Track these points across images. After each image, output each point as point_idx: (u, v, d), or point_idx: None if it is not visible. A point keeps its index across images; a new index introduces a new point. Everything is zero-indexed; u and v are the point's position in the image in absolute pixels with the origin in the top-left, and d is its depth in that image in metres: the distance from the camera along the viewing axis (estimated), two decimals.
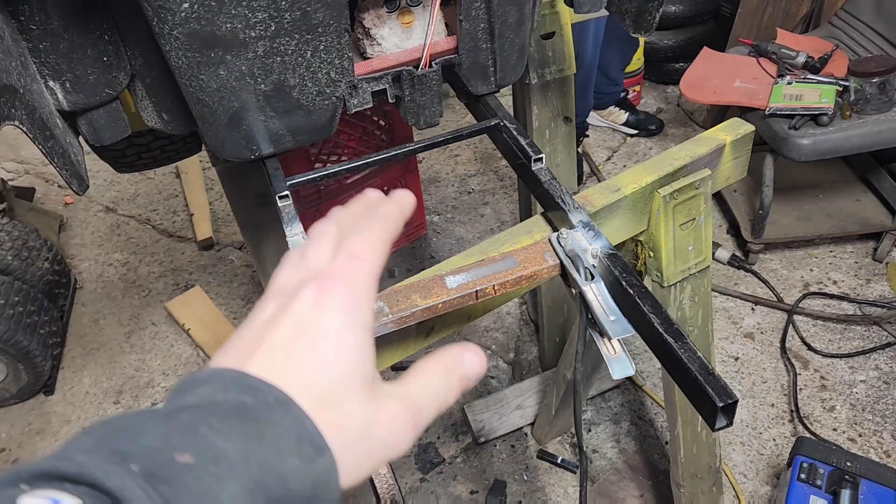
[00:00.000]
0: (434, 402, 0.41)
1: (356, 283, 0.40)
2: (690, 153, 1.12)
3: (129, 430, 0.31)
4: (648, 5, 1.08)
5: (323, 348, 0.37)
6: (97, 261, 2.84)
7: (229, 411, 0.33)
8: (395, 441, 0.38)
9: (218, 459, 0.31)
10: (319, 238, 0.45)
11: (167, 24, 0.84)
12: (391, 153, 1.06)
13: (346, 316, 0.39)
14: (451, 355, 0.43)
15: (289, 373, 0.36)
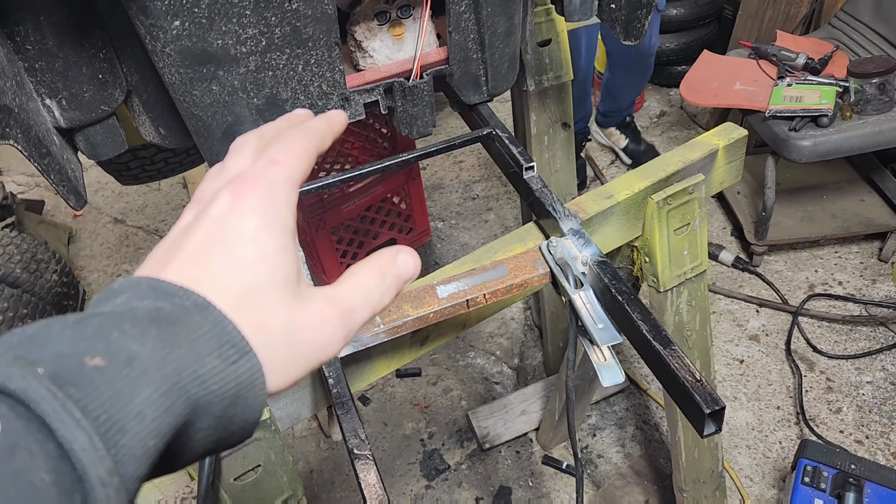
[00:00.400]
0: (366, 302, 0.40)
1: (273, 186, 0.39)
2: (683, 158, 1.13)
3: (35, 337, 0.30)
4: (637, 13, 1.09)
5: (239, 251, 0.37)
6: (106, 272, 2.86)
7: (143, 317, 0.32)
8: (322, 341, 0.38)
9: (131, 362, 0.30)
10: (240, 148, 0.44)
11: (159, 41, 0.85)
12: (387, 162, 1.07)
13: (261, 218, 0.38)
14: (384, 256, 0.42)
15: (206, 278, 0.35)
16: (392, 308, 0.84)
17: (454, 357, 2.33)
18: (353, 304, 0.39)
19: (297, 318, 0.37)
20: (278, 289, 0.37)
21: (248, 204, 0.38)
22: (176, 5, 0.82)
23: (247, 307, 0.35)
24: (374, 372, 0.96)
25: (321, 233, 2.34)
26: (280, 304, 0.36)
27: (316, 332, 0.37)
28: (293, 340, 0.36)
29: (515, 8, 1.04)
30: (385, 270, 0.42)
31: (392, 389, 2.23)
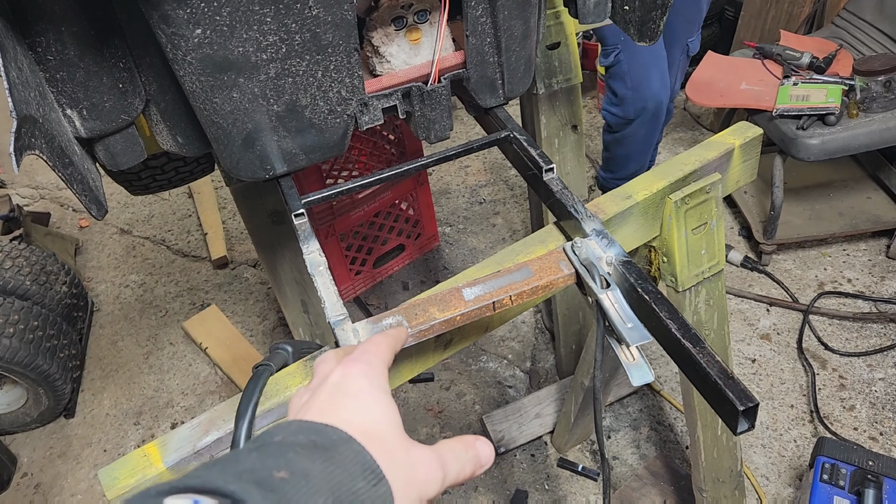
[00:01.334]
0: (456, 460, 0.49)
1: (370, 361, 0.53)
2: (700, 158, 1.13)
3: (229, 460, 0.39)
4: (652, 14, 1.09)
5: (359, 400, 0.48)
6: (114, 283, 2.87)
7: (306, 444, 0.42)
8: (428, 476, 0.46)
9: (307, 476, 0.38)
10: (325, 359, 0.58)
11: (181, 49, 0.86)
12: (404, 168, 1.07)
13: (368, 380, 0.50)
14: (467, 439, 0.52)
15: (339, 419, 0.45)
16: (419, 311, 0.84)
17: (466, 361, 2.32)
18: (447, 458, 0.48)
19: (410, 453, 0.46)
20: (394, 428, 0.47)
21: (357, 371, 0.51)
22: (198, 14, 0.82)
23: (375, 439, 0.44)
24: (399, 376, 0.96)
25: (330, 239, 2.34)
26: (397, 441, 0.46)
27: (424, 467, 0.46)
28: (409, 470, 0.45)
29: (531, 11, 1.04)
30: (468, 445, 0.51)
31: (405, 395, 2.23)
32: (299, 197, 1.03)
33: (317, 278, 0.91)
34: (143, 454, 0.84)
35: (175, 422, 2.26)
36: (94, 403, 2.37)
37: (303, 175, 2.10)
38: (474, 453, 0.51)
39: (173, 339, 2.56)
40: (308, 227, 0.99)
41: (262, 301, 2.66)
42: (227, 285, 2.77)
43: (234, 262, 2.87)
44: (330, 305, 0.87)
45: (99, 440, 2.25)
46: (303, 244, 0.97)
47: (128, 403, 2.35)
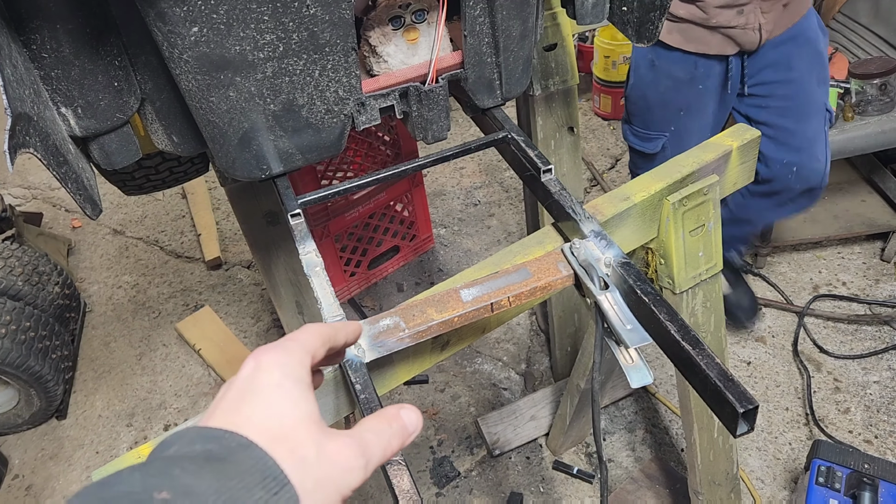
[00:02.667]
0: (378, 439, 0.46)
1: (291, 348, 0.48)
2: (698, 160, 1.13)
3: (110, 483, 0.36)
4: (651, 15, 1.09)
5: (267, 396, 0.44)
6: (106, 283, 2.85)
7: (198, 457, 0.38)
8: (347, 466, 0.43)
9: (189, 494, 0.35)
10: None
11: (177, 48, 0.85)
12: (400, 169, 1.07)
13: (282, 370, 0.46)
14: (389, 411, 0.49)
15: (242, 422, 0.42)
16: (416, 312, 0.84)
17: (461, 363, 2.32)
18: (368, 440, 0.45)
19: (323, 446, 0.43)
20: (305, 422, 0.43)
21: (270, 362, 0.46)
22: (195, 12, 0.82)
23: (280, 439, 0.41)
24: (395, 378, 0.95)
25: (325, 241, 2.33)
26: (307, 435, 0.43)
27: (341, 458, 0.43)
28: (322, 465, 0.42)
29: (530, 11, 1.04)
30: (391, 419, 0.48)
31: (400, 397, 2.22)
32: (296, 197, 1.03)
33: (313, 279, 0.91)
34: (138, 456, 0.83)
35: (168, 423, 2.25)
36: (87, 405, 2.35)
37: (297, 175, 2.10)
38: (399, 425, 0.48)
39: (166, 341, 2.54)
40: (305, 228, 0.99)
41: (256, 302, 2.65)
42: (220, 286, 2.75)
43: (228, 263, 2.86)
44: (326, 306, 0.87)
45: (91, 442, 2.23)
46: (299, 244, 0.96)
47: (120, 405, 2.33)
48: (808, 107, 1.84)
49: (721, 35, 1.74)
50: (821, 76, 1.83)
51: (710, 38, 1.75)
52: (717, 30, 1.73)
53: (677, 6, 1.73)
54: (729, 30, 1.72)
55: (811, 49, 1.80)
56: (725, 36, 1.74)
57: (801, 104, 1.82)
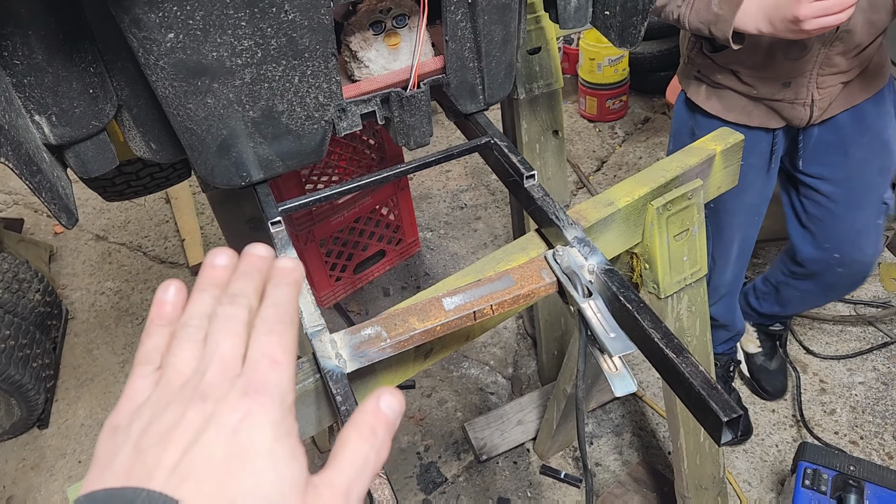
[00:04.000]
0: (364, 469, 0.41)
1: (282, 393, 0.40)
2: (681, 164, 1.12)
3: None
4: (633, 19, 1.08)
5: (259, 471, 0.38)
6: (89, 290, 2.82)
7: None
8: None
9: None
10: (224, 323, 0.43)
11: (153, 54, 0.83)
12: (383, 174, 1.06)
13: (276, 430, 0.39)
14: (368, 411, 0.43)
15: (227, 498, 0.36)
16: (398, 321, 0.83)
17: (448, 368, 2.31)
18: (350, 479, 0.40)
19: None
20: (291, 494, 0.38)
21: (263, 419, 0.39)
22: (170, 17, 0.80)
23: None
24: (377, 387, 0.94)
25: (310, 245, 2.32)
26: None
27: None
28: None
29: (511, 16, 1.03)
30: (375, 425, 0.42)
31: None
32: (276, 204, 1.01)
33: None
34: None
35: None
36: (69, 413, 2.32)
37: (281, 181, 2.08)
38: (384, 424, 0.43)
39: None
40: (285, 235, 0.97)
41: None
42: None
43: None
44: (307, 315, 0.85)
45: (73, 451, 2.20)
46: (280, 253, 0.95)
47: (103, 413, 2.30)
48: (862, 198, 1.63)
49: (765, 106, 1.53)
50: (883, 166, 1.60)
51: (753, 109, 1.54)
52: (762, 101, 1.52)
53: (714, 69, 1.54)
54: (774, 102, 1.51)
55: (875, 136, 1.56)
56: (770, 108, 1.53)
57: (853, 194, 1.62)
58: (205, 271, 0.47)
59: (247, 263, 0.47)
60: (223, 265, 0.47)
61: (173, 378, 0.41)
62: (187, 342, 0.42)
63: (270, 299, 0.45)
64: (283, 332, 0.43)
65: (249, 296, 0.45)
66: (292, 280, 0.47)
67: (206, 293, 0.45)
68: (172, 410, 0.39)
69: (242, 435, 0.38)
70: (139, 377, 0.42)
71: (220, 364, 0.41)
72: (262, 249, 0.48)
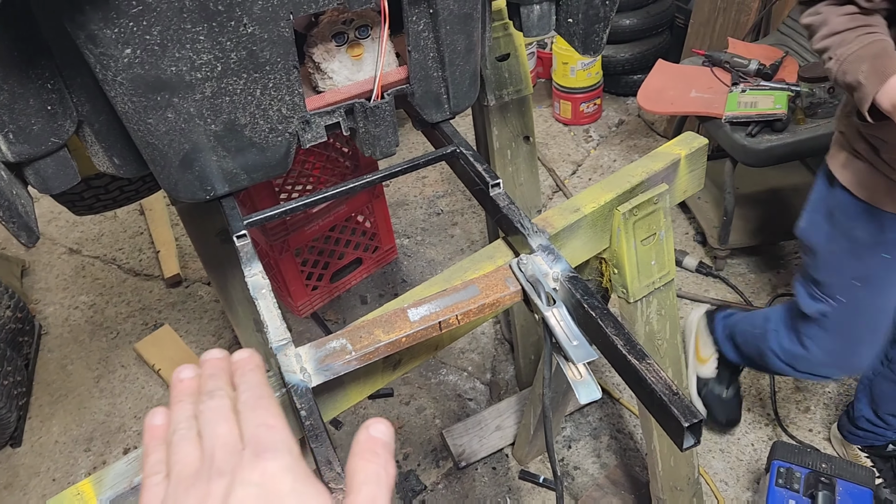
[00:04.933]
0: (378, 488, 0.45)
1: (287, 446, 0.45)
2: (647, 169, 1.13)
3: None
4: (595, 27, 1.09)
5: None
6: (63, 304, 2.78)
7: None
8: None
9: None
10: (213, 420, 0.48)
11: (110, 70, 0.83)
12: (351, 185, 1.05)
13: (293, 474, 0.43)
14: (361, 440, 0.47)
15: None
16: (363, 334, 0.82)
17: (426, 375, 2.30)
18: (370, 498, 0.44)
19: None
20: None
21: (280, 469, 0.43)
22: (127, 33, 0.80)
23: None
24: (346, 399, 0.94)
25: (285, 255, 2.30)
26: None
27: None
28: None
29: (474, 25, 1.03)
30: (372, 448, 0.47)
31: (364, 411, 2.20)
32: (242, 217, 1.01)
33: (259, 301, 0.89)
34: (77, 492, 0.80)
35: (128, 447, 2.20)
36: (43, 431, 2.29)
37: (253, 191, 2.07)
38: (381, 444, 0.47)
39: (125, 362, 2.49)
40: (250, 249, 0.97)
41: (218, 319, 2.61)
42: (180, 304, 2.70)
43: (188, 280, 2.81)
44: (273, 329, 0.85)
45: (48, 469, 2.17)
46: (245, 267, 0.94)
47: (78, 430, 2.27)
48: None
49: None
50: None
51: (889, 193, 1.34)
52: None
53: (857, 136, 1.37)
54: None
55: None
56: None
57: None
58: (175, 386, 0.52)
59: (209, 366, 0.53)
60: (190, 377, 0.53)
61: (184, 470, 0.46)
62: (184, 441, 0.47)
63: (243, 386, 0.51)
64: (266, 405, 0.49)
65: (225, 388, 0.51)
66: (254, 365, 0.53)
67: (183, 402, 0.51)
68: (196, 490, 0.44)
69: (267, 487, 0.42)
70: (151, 486, 0.47)
71: (224, 445, 0.46)
72: (217, 353, 0.55)
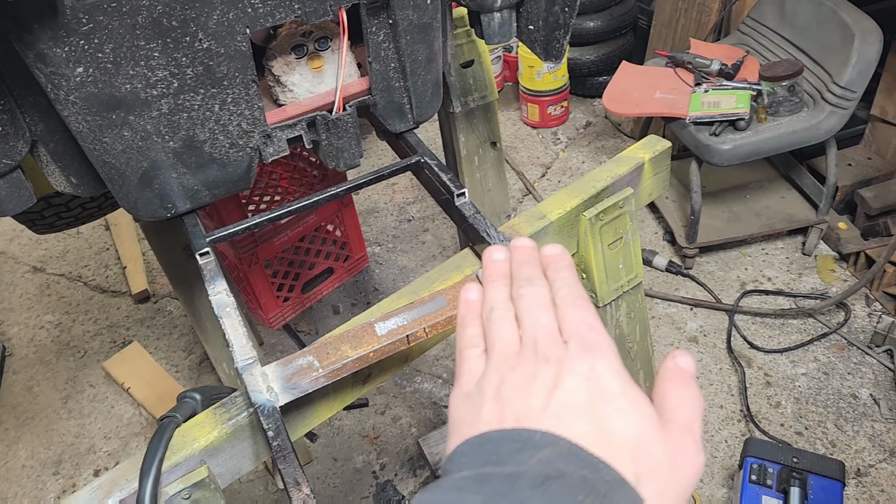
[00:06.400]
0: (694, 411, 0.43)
1: (612, 348, 0.44)
2: (611, 174, 1.14)
3: None
4: (556, 33, 1.10)
5: (622, 409, 0.41)
6: (27, 324, 2.72)
7: (579, 484, 0.36)
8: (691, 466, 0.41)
9: None
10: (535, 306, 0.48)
11: (62, 89, 0.81)
12: (316, 198, 1.05)
13: (620, 376, 0.42)
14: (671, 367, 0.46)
15: (606, 440, 0.39)
16: (330, 350, 0.81)
17: (401, 384, 2.29)
18: (690, 417, 0.43)
19: (671, 455, 0.41)
20: (652, 431, 0.41)
21: (608, 369, 0.42)
22: (77, 51, 0.78)
23: (642, 461, 0.39)
24: (316, 416, 0.92)
25: (254, 268, 2.28)
26: (658, 445, 0.41)
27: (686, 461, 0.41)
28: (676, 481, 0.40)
29: (434, 35, 1.03)
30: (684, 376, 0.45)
31: (339, 423, 2.18)
32: (204, 234, 0.99)
33: (224, 320, 0.88)
34: None
35: (98, 468, 2.15)
36: (9, 455, 2.23)
37: (220, 204, 2.04)
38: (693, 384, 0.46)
39: (93, 381, 2.44)
40: (214, 266, 0.95)
41: (188, 335, 2.57)
42: (149, 320, 2.66)
43: (157, 296, 2.77)
44: (238, 348, 0.84)
45: (15, 494, 2.12)
46: (209, 285, 0.93)
47: (46, 453, 2.22)
48: None
49: None
50: None
51: None
52: None
53: None
54: None
55: None
56: None
57: None
58: (489, 266, 0.53)
59: (522, 253, 0.53)
60: (503, 259, 0.54)
61: (506, 349, 0.46)
62: (503, 322, 0.48)
63: (559, 282, 0.50)
64: (585, 307, 0.48)
65: (541, 277, 0.50)
66: (568, 263, 0.53)
67: (497, 283, 0.51)
68: (522, 369, 0.44)
69: (596, 382, 0.42)
70: (471, 358, 0.48)
71: (547, 333, 0.46)
72: (527, 241, 0.55)
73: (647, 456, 0.40)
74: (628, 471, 0.38)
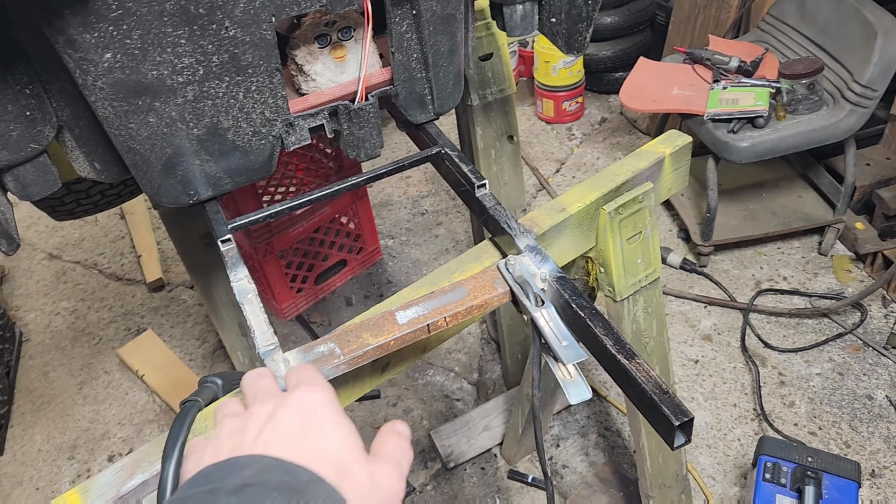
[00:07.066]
0: (402, 455, 0.53)
1: (326, 388, 0.54)
2: (632, 168, 1.14)
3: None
4: (578, 26, 1.09)
5: (327, 431, 0.49)
6: (44, 311, 2.75)
7: (279, 486, 0.43)
8: (394, 492, 0.49)
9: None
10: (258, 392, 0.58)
11: (90, 75, 0.81)
12: (335, 187, 1.05)
13: (331, 408, 0.52)
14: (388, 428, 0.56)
15: (307, 453, 0.47)
16: (351, 338, 0.82)
17: (413, 376, 2.30)
18: (398, 458, 0.52)
19: (374, 476, 0.48)
20: (356, 455, 0.49)
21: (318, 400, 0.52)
22: (107, 37, 0.79)
23: (343, 472, 0.47)
24: None
25: (269, 258, 2.29)
26: (362, 468, 0.48)
27: (388, 484, 0.49)
28: (375, 493, 0.48)
29: (457, 26, 1.03)
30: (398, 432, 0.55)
31: (352, 414, 2.19)
32: (226, 222, 1.00)
33: (246, 306, 0.88)
34: (64, 502, 0.79)
35: (112, 454, 2.17)
36: (25, 439, 2.26)
37: (237, 193, 2.05)
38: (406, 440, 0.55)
39: (108, 368, 2.46)
40: (236, 253, 0.96)
41: (202, 324, 2.58)
42: (163, 308, 2.68)
43: (171, 284, 2.79)
44: (260, 335, 0.84)
45: (31, 478, 2.14)
46: (230, 271, 0.93)
47: (61, 437, 2.25)
48: None
49: None
50: None
51: None
52: None
53: None
54: None
55: None
56: None
57: None
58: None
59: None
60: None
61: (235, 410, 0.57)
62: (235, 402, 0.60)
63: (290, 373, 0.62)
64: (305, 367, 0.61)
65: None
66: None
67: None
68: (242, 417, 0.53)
69: (309, 412, 0.50)
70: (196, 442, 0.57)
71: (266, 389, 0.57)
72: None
73: (350, 472, 0.47)
74: (331, 477, 0.45)
